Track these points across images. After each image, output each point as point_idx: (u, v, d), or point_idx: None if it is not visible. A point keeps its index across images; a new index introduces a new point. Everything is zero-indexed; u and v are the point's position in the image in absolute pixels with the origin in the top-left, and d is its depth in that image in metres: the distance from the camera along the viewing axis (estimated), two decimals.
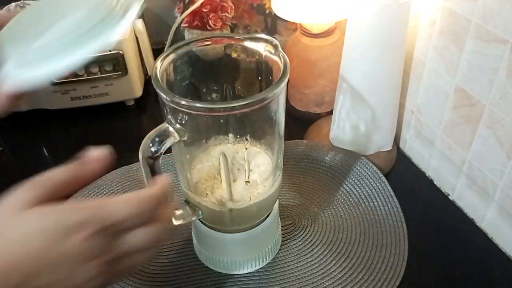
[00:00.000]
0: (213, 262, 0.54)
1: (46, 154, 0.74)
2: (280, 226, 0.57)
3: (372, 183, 0.63)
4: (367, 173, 0.64)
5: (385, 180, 0.63)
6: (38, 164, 0.72)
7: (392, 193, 0.61)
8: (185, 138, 0.43)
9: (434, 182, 0.66)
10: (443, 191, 0.64)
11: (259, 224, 0.51)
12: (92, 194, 0.63)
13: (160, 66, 0.43)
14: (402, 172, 0.68)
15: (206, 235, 0.52)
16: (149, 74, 0.84)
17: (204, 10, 0.84)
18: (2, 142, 0.76)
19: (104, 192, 0.63)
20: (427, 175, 0.67)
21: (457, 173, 0.60)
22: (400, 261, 0.53)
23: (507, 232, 0.55)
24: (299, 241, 0.57)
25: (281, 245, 0.56)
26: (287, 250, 0.56)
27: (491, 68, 0.50)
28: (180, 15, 0.83)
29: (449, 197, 0.63)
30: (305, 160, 0.67)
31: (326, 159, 0.66)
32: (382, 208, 0.60)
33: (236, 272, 0.54)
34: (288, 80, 0.43)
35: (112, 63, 0.74)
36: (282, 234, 0.57)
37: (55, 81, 0.73)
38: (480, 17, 0.50)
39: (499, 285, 0.53)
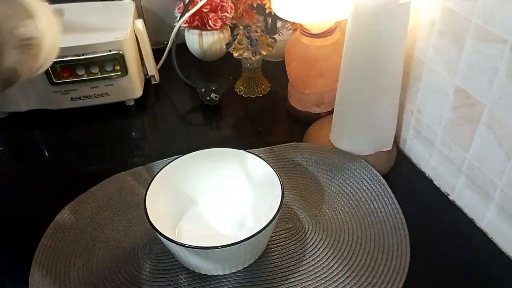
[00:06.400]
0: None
1: (46, 154, 0.74)
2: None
3: (371, 185, 0.63)
4: (367, 175, 0.64)
5: (385, 183, 0.62)
6: (38, 164, 0.72)
7: (392, 195, 0.61)
8: None
9: (434, 182, 0.66)
10: (443, 191, 0.64)
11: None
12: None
13: None
14: (402, 172, 0.68)
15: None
16: (149, 74, 0.84)
17: (204, 10, 0.84)
18: (2, 142, 0.76)
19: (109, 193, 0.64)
20: (427, 175, 0.67)
21: (457, 173, 0.60)
22: (403, 263, 0.53)
23: (507, 232, 0.55)
24: (301, 245, 0.56)
25: (282, 249, 0.56)
26: (289, 254, 0.55)
27: (491, 68, 0.50)
28: (180, 16, 0.83)
29: (449, 197, 0.63)
30: (304, 162, 0.67)
31: (325, 162, 0.66)
32: (382, 210, 0.60)
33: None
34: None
35: (112, 63, 0.74)
36: (284, 238, 0.57)
37: (55, 81, 0.73)
38: (480, 17, 0.50)
39: (499, 285, 0.53)
